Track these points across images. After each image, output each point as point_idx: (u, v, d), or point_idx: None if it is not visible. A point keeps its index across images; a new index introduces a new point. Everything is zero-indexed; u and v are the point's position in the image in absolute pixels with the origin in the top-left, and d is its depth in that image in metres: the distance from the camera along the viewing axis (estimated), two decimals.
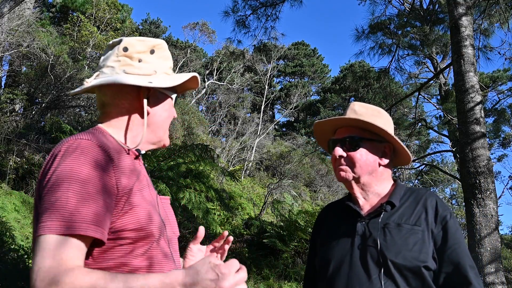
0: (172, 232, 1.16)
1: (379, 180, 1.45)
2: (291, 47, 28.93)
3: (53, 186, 0.92)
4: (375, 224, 1.36)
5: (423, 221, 1.34)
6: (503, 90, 14.03)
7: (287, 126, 29.29)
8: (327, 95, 26.39)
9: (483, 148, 4.03)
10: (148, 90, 1.15)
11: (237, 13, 7.60)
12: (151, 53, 1.17)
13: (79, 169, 0.94)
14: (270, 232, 8.17)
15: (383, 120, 1.47)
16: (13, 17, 8.91)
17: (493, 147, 17.13)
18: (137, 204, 1.02)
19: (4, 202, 5.97)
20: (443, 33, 9.47)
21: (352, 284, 1.32)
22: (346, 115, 1.48)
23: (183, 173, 6.91)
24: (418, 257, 1.28)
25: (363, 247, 1.34)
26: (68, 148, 0.98)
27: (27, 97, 9.23)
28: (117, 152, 1.06)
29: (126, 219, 0.99)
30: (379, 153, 1.45)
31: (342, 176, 1.44)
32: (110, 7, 13.93)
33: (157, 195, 1.19)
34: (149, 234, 1.02)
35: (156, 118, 1.18)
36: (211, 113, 19.62)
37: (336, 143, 1.46)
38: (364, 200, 1.45)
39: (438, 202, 1.39)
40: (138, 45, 1.17)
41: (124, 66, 1.14)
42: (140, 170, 1.12)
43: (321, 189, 15.91)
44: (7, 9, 5.27)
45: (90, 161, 0.96)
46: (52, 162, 0.97)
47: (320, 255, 1.48)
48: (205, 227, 7.37)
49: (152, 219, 1.03)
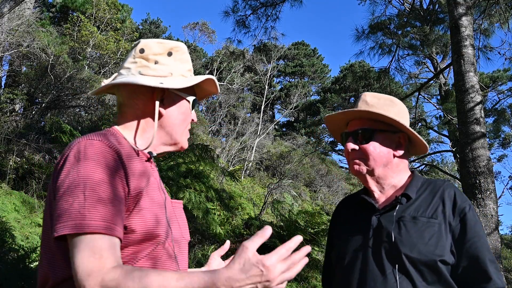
0: (181, 235, 1.15)
1: (395, 171, 1.40)
2: (291, 47, 28.92)
3: (66, 191, 0.93)
4: (390, 217, 1.32)
5: (440, 214, 1.29)
6: (503, 90, 14.03)
7: (287, 126, 29.27)
8: (327, 95, 26.38)
9: (483, 148, 4.03)
10: (163, 92, 1.14)
11: (237, 13, 7.60)
12: (168, 55, 1.17)
13: (90, 173, 0.94)
14: None
15: (396, 110, 1.42)
16: (13, 17, 8.91)
17: (493, 147, 17.12)
18: (145, 206, 1.02)
19: (4, 202, 5.97)
20: (443, 33, 9.48)
21: (366, 279, 1.28)
22: (358, 107, 1.44)
23: (183, 173, 6.91)
24: (434, 251, 1.23)
25: (377, 242, 1.30)
26: (79, 150, 0.98)
27: (27, 97, 9.23)
28: (128, 154, 1.05)
29: (133, 221, 0.99)
30: (393, 144, 1.40)
31: (356, 170, 1.39)
32: (110, 7, 13.92)
33: (169, 199, 1.18)
34: (154, 236, 1.01)
35: (171, 120, 1.16)
36: (211, 113, 19.61)
37: (348, 136, 1.42)
38: (380, 193, 1.41)
39: (457, 193, 1.33)
40: (155, 47, 1.16)
41: (140, 67, 1.15)
42: (151, 173, 1.12)
43: (321, 189, 15.91)
44: (7, 9, 5.26)
45: (100, 164, 0.96)
46: (63, 164, 0.98)
47: (335, 249, 1.45)
48: (205, 227, 7.34)
49: (159, 222, 1.03)
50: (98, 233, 0.89)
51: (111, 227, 0.91)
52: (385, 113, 1.36)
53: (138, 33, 17.87)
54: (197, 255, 6.88)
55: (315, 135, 26.70)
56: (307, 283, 7.51)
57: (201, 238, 7.62)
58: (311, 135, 26.38)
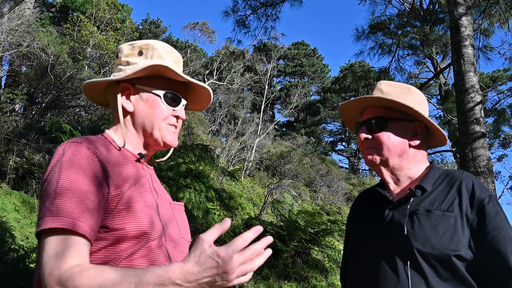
0: (180, 236, 1.16)
1: (411, 162, 1.34)
2: (291, 47, 28.94)
3: (43, 193, 0.99)
4: (403, 210, 1.26)
5: (457, 207, 1.22)
6: (503, 90, 14.04)
7: (287, 126, 29.28)
8: (327, 95, 26.39)
9: (483, 148, 4.03)
10: (129, 89, 1.18)
11: (237, 13, 7.61)
12: (139, 54, 1.20)
13: (63, 176, 0.98)
14: (270, 232, 8.16)
15: (413, 98, 1.35)
16: (13, 17, 8.91)
17: (493, 147, 17.13)
18: (129, 207, 1.02)
19: (4, 202, 5.97)
20: (443, 33, 9.48)
21: (377, 274, 1.23)
22: (372, 95, 1.38)
23: (183, 173, 6.91)
24: (448, 245, 1.16)
25: (390, 236, 1.25)
26: (59, 153, 1.03)
27: (27, 97, 9.23)
28: (112, 156, 1.08)
29: (116, 221, 1.00)
30: (409, 133, 1.33)
31: (369, 160, 1.33)
32: (110, 7, 13.92)
33: (166, 200, 1.19)
34: (140, 236, 1.02)
35: (140, 116, 1.18)
36: (211, 113, 19.60)
37: (362, 125, 1.37)
38: (395, 185, 1.35)
39: (475, 184, 1.25)
40: (126, 49, 1.22)
41: (115, 71, 1.22)
42: (142, 174, 1.14)
43: (321, 189, 15.90)
44: (7, 9, 5.26)
45: (75, 167, 0.99)
46: (47, 167, 1.04)
47: (350, 243, 1.41)
48: (205, 227, 7.34)
49: (145, 221, 1.04)
50: (62, 234, 0.91)
51: (76, 225, 0.92)
52: (400, 100, 1.30)
53: (138, 33, 17.87)
54: None
55: (315, 135, 26.71)
56: (307, 283, 7.51)
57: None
58: (311, 135, 26.38)
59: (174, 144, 1.20)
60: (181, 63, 1.26)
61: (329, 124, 28.14)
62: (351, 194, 16.76)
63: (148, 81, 1.18)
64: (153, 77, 1.18)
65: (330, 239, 9.33)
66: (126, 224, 1.00)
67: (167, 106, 1.18)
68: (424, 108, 1.37)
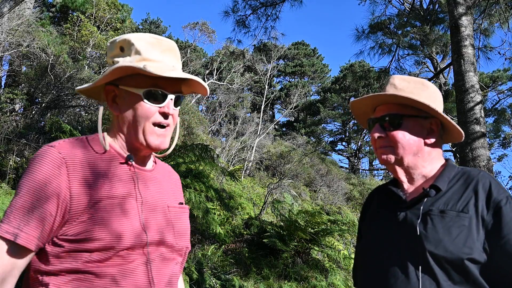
0: (174, 241, 1.13)
1: (426, 160, 1.29)
2: (291, 47, 28.93)
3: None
4: (416, 211, 1.21)
5: (472, 207, 1.16)
6: (503, 90, 14.05)
7: (287, 126, 29.28)
8: (327, 95, 26.40)
9: (483, 148, 4.02)
10: (114, 92, 1.14)
11: (237, 13, 7.61)
12: (121, 51, 1.15)
13: (25, 180, 1.00)
14: (270, 232, 8.17)
15: (428, 93, 1.30)
16: (13, 17, 8.91)
17: (493, 147, 17.13)
18: (97, 215, 1.00)
19: (4, 202, 5.97)
20: (443, 33, 9.47)
21: (387, 276, 1.19)
22: (385, 91, 1.32)
23: (183, 173, 6.91)
24: (461, 248, 1.11)
25: (402, 237, 1.21)
26: (32, 159, 1.05)
27: (27, 97, 9.23)
28: (90, 158, 1.07)
29: (77, 228, 0.99)
30: (424, 131, 1.28)
31: (384, 159, 1.28)
32: (110, 7, 13.91)
33: (163, 203, 1.15)
34: (108, 242, 0.98)
35: (124, 117, 1.13)
36: (211, 113, 19.60)
37: (375, 122, 1.31)
38: (409, 184, 1.30)
39: (493, 184, 1.19)
40: (109, 48, 1.19)
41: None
42: (125, 177, 1.10)
43: (321, 189, 15.90)
44: (7, 9, 5.26)
45: (37, 171, 1.00)
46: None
47: (361, 243, 1.38)
48: (205, 227, 7.33)
49: (114, 232, 0.99)
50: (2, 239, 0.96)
51: (16, 234, 0.96)
52: (415, 97, 1.25)
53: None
54: (197, 255, 6.88)
55: (315, 135, 26.72)
56: (307, 283, 7.51)
57: (201, 238, 7.62)
58: (311, 135, 26.38)
59: (161, 147, 1.11)
60: (173, 49, 1.16)
61: (329, 124, 28.18)
62: (351, 194, 16.77)
63: (130, 80, 1.10)
64: (135, 75, 1.10)
65: (330, 239, 9.33)
66: (90, 234, 0.98)
67: (150, 104, 1.09)
68: (439, 104, 1.32)
